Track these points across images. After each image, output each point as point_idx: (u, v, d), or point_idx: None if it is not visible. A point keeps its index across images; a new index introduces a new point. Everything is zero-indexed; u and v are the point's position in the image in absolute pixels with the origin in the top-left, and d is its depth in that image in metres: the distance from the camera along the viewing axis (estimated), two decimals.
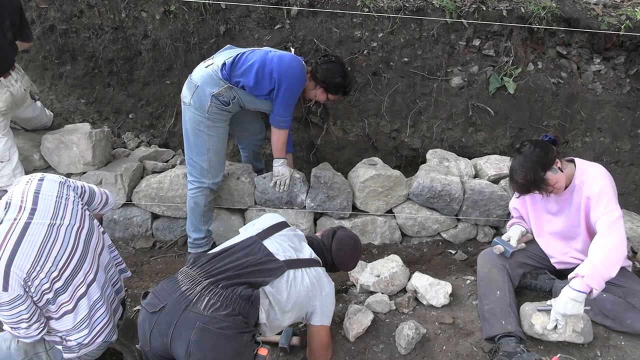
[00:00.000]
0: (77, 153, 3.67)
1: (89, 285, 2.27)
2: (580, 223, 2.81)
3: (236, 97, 3.25)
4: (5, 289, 1.98)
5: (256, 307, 2.20)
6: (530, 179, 2.68)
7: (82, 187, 2.39)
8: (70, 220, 2.21)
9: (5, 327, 2.18)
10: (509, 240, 3.02)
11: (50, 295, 2.12)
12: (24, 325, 2.10)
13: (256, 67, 3.16)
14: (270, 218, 2.65)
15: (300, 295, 2.34)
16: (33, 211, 2.11)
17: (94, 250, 2.34)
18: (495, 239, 3.06)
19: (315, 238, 2.70)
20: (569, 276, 2.57)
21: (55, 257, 2.12)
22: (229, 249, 2.38)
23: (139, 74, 4.18)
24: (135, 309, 3.11)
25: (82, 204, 2.33)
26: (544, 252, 3.03)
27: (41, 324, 2.16)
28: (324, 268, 2.54)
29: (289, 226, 2.63)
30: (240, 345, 2.12)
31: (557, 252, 2.97)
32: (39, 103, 3.81)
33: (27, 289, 2.04)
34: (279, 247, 2.42)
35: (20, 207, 2.11)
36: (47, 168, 3.79)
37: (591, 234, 2.76)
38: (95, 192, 2.48)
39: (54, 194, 2.20)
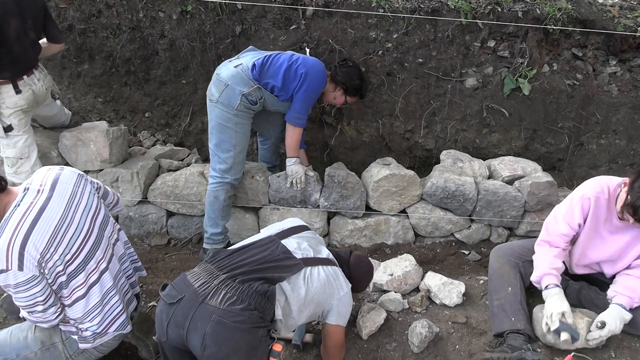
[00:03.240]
0: (94, 150, 3.73)
1: (102, 272, 2.30)
2: (633, 254, 2.72)
3: (263, 97, 3.39)
4: (21, 268, 2.03)
5: (272, 302, 2.22)
6: None
7: (97, 183, 2.48)
8: (86, 205, 2.28)
9: (22, 313, 2.22)
10: (564, 315, 2.58)
11: (63, 279, 2.16)
12: (39, 308, 2.13)
13: (284, 67, 3.31)
14: (291, 221, 2.69)
15: (317, 292, 2.35)
16: (51, 194, 2.18)
17: (108, 238, 2.39)
18: (560, 324, 2.54)
19: (333, 249, 2.73)
20: (615, 297, 2.67)
21: (70, 239, 2.17)
22: (248, 246, 2.41)
23: (156, 74, 4.23)
24: (151, 304, 3.15)
25: (97, 196, 2.40)
26: None
27: (58, 307, 2.20)
28: (341, 269, 2.55)
29: (310, 230, 2.67)
30: (255, 339, 2.14)
31: (583, 265, 2.90)
32: (58, 102, 3.88)
33: (41, 270, 2.08)
34: (297, 245, 2.44)
35: (39, 190, 2.18)
36: (65, 165, 3.84)
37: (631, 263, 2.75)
38: (108, 190, 2.57)
39: (72, 182, 2.28)
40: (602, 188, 2.67)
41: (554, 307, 2.59)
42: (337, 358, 2.62)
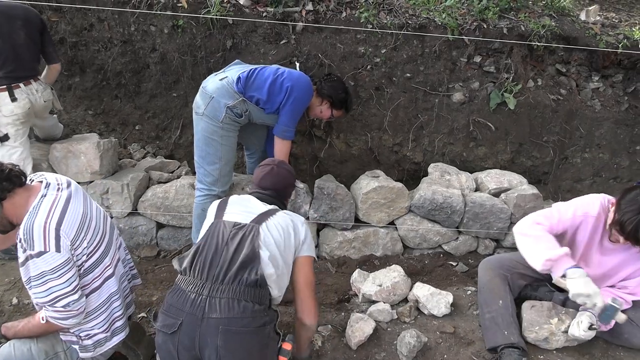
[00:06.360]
0: (84, 162, 3.73)
1: (114, 268, 2.39)
2: (619, 277, 2.76)
3: (248, 110, 3.39)
4: (58, 249, 2.07)
5: (265, 287, 2.24)
6: None
7: None
8: (97, 207, 2.41)
9: (47, 312, 2.17)
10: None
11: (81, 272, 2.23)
12: (75, 296, 2.15)
13: (270, 81, 3.32)
14: (212, 205, 2.60)
15: (285, 238, 2.35)
16: (70, 192, 2.27)
17: (115, 240, 2.49)
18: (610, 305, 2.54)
19: (260, 192, 2.64)
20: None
21: (92, 233, 2.26)
22: (203, 244, 2.32)
23: (146, 87, 4.27)
24: (140, 315, 3.15)
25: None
26: None
27: (82, 296, 2.22)
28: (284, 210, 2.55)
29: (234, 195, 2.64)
30: (264, 337, 2.19)
31: None
32: (55, 116, 3.91)
33: (72, 254, 2.14)
34: (238, 215, 2.40)
35: (59, 185, 2.26)
36: None
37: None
38: None
39: (80, 186, 2.39)
40: (602, 207, 2.69)
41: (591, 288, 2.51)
42: (312, 293, 2.48)
